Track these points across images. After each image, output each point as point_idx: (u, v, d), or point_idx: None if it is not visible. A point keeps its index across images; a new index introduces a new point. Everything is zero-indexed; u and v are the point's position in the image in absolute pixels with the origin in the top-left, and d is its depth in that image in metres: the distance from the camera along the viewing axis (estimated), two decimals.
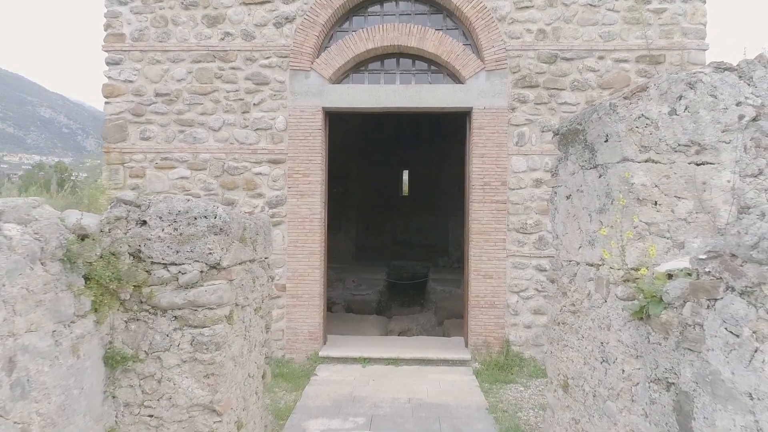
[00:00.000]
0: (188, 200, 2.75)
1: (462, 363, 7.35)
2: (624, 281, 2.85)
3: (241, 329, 3.08)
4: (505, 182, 7.45)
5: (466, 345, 7.74)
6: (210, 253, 2.72)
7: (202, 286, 2.71)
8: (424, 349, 7.73)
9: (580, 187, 3.37)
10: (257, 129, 7.64)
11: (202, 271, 2.74)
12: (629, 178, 2.85)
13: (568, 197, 3.58)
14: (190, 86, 7.66)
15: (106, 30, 7.75)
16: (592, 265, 3.22)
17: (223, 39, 7.66)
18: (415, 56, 7.86)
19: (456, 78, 7.79)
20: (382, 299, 13.82)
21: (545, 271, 7.44)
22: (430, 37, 7.53)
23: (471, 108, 7.53)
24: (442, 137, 17.06)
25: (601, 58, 7.47)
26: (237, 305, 2.99)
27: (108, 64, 7.72)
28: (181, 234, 2.71)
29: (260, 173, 7.63)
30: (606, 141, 2.99)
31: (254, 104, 7.63)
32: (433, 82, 7.82)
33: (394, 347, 7.81)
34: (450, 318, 11.10)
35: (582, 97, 7.48)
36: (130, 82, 7.69)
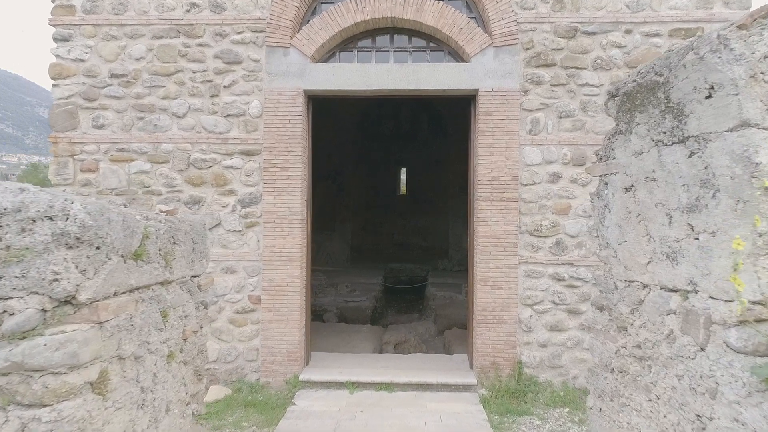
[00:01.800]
0: (22, 190, 1.62)
1: (467, 388, 6.22)
2: (743, 322, 1.74)
3: (133, 395, 1.95)
4: (517, 177, 6.32)
5: (471, 366, 6.60)
6: (56, 279, 1.59)
7: (41, 335, 1.59)
8: (423, 370, 6.59)
9: (651, 173, 2.24)
10: (228, 115, 6.50)
11: (44, 310, 1.61)
12: (752, 155, 1.73)
13: (628, 189, 2.44)
14: (151, 66, 6.53)
15: (54, 1, 6.61)
16: (674, 291, 2.10)
17: (188, 11, 6.52)
18: (412, 31, 6.72)
19: (459, 56, 6.66)
20: (378, 305, 12.73)
21: (563, 280, 6.30)
22: (428, 8, 6.39)
23: (476, 90, 6.39)
24: (443, 134, 15.99)
25: (628, 32, 6.33)
26: (120, 359, 1.86)
27: (56, 40, 6.59)
28: (7, 247, 1.58)
29: (231, 167, 6.50)
30: (709, 97, 1.86)
31: (224, 87, 6.50)
32: (432, 61, 6.68)
33: (387, 368, 6.67)
34: (451, 327, 10.00)
35: (606, 78, 6.34)
36: (82, 61, 6.55)
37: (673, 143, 2.08)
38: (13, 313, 1.58)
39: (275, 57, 6.44)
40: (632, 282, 2.45)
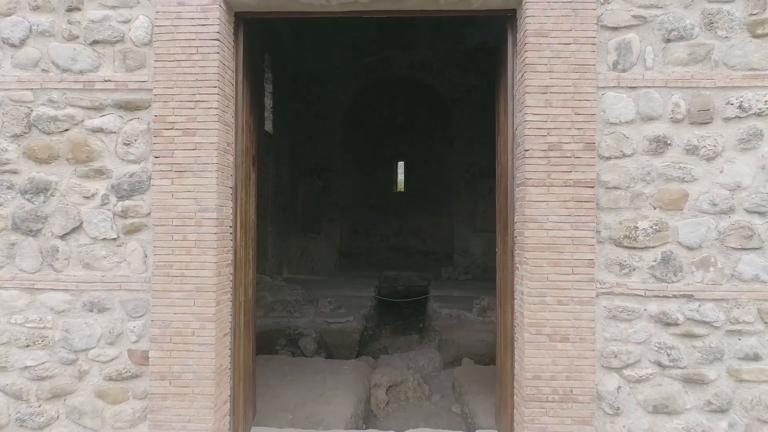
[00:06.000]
0: None
1: None
2: None
3: None
4: (593, 144, 3.44)
5: None
6: None
7: None
8: None
9: None
10: (95, 42, 3.62)
11: None
12: None
13: None
14: None
15: None
16: None
17: None
18: None
19: None
20: (369, 325, 9.86)
21: (675, 325, 3.42)
22: None
23: None
24: (445, 121, 13.49)
25: None
26: None
27: None
28: None
29: (101, 129, 3.61)
30: None
31: None
32: None
33: None
34: (460, 358, 7.18)
35: None
36: None
37: None
38: None
39: None
40: None
